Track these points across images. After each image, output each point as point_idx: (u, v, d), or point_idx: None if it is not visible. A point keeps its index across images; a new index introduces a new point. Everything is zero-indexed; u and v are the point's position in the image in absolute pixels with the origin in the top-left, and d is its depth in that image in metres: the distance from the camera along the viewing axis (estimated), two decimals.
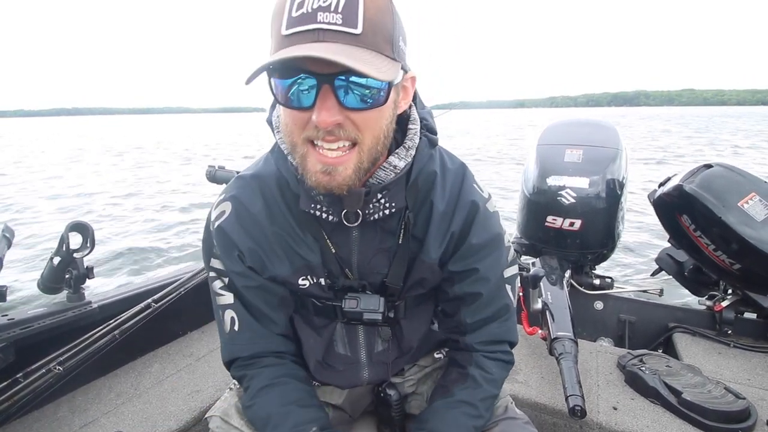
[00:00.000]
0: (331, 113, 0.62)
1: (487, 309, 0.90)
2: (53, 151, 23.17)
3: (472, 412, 0.85)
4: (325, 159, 0.66)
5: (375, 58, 0.61)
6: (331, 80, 0.61)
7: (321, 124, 0.63)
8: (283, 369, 0.88)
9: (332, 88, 0.62)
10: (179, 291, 1.67)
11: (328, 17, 0.59)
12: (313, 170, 0.68)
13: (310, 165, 0.68)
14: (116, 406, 1.41)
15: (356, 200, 0.75)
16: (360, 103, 0.64)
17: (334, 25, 0.59)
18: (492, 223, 0.88)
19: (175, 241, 6.15)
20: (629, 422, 1.31)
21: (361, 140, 0.67)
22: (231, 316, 0.87)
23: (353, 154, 0.67)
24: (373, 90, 0.64)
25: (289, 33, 0.60)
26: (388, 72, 0.62)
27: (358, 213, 0.78)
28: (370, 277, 0.88)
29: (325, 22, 0.59)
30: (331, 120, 0.63)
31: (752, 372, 1.59)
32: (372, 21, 0.61)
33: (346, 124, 0.65)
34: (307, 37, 0.59)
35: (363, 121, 0.65)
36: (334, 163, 0.66)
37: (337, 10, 0.59)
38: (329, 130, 0.64)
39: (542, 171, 2.04)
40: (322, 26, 0.59)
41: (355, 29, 0.60)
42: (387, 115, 0.69)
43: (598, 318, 2.24)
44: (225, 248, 0.85)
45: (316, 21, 0.59)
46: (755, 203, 1.61)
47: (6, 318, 1.31)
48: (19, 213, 8.03)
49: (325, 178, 0.67)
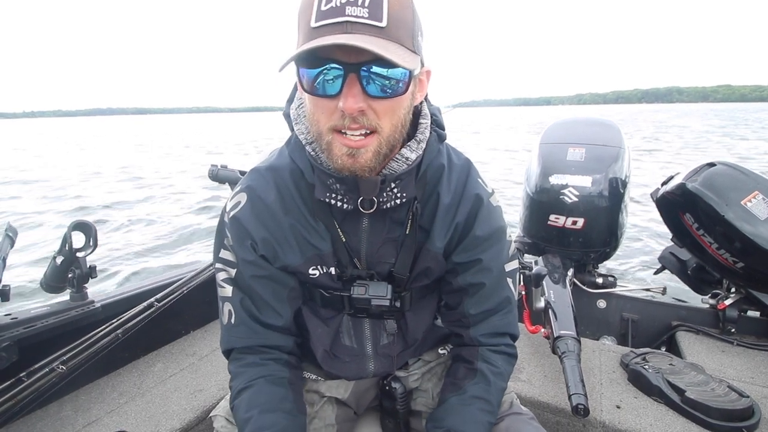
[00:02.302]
0: (357, 100, 0.66)
1: (490, 300, 0.92)
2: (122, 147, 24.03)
3: (487, 407, 0.87)
4: (349, 143, 0.70)
5: (398, 49, 0.65)
6: (357, 69, 0.65)
7: (347, 110, 0.66)
8: (261, 370, 0.88)
9: (358, 77, 0.66)
10: (182, 290, 1.67)
11: (355, 11, 0.63)
12: (338, 154, 0.72)
13: (336, 150, 0.72)
14: (119, 405, 1.41)
15: (372, 187, 0.78)
16: (381, 92, 0.68)
17: (361, 18, 0.63)
18: (495, 216, 0.91)
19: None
20: (632, 421, 1.30)
21: (380, 128, 0.71)
22: (229, 309, 0.90)
23: (373, 139, 0.71)
24: (393, 81, 0.68)
25: (318, 25, 0.64)
26: (411, 62, 0.66)
27: (373, 200, 0.81)
28: (378, 266, 0.90)
29: (353, 15, 0.63)
30: (357, 107, 0.66)
31: (756, 370, 1.58)
32: (395, 15, 0.65)
33: (369, 112, 0.69)
34: (336, 29, 0.63)
35: (383, 109, 0.69)
36: (356, 146, 0.70)
37: (363, 5, 0.63)
38: (354, 117, 0.68)
39: (545, 170, 2.04)
40: (350, 19, 0.63)
41: (380, 22, 0.64)
42: (405, 105, 0.73)
43: (601, 316, 2.24)
44: (238, 237, 0.87)
45: (344, 14, 0.63)
46: (758, 201, 1.61)
47: (9, 317, 1.31)
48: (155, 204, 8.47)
49: (349, 160, 0.72)
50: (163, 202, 8.81)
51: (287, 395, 0.87)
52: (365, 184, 0.77)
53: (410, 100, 0.74)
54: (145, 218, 7.38)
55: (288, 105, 0.86)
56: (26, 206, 8.40)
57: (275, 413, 0.82)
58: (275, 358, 0.91)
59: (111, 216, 7.46)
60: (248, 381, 0.86)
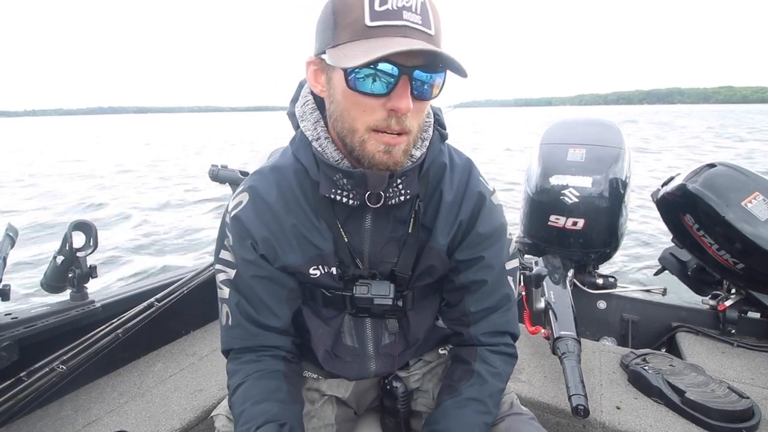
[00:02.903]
0: (408, 101, 0.69)
1: (491, 298, 0.92)
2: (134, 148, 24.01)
3: (482, 408, 0.87)
4: (387, 140, 0.73)
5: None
6: (411, 72, 0.68)
7: (401, 110, 0.69)
8: (256, 366, 0.89)
9: (410, 79, 0.68)
10: (182, 290, 1.67)
11: (411, 17, 0.66)
12: (375, 150, 0.73)
13: (371, 147, 0.73)
14: (119, 405, 1.41)
15: (381, 181, 0.79)
16: (421, 95, 0.71)
17: (417, 24, 0.66)
18: (497, 214, 0.92)
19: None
20: (632, 421, 1.30)
21: (411, 127, 0.74)
22: (226, 310, 0.91)
23: (404, 138, 0.74)
24: (433, 85, 0.71)
25: (375, 25, 0.66)
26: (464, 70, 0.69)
27: (380, 195, 0.82)
28: (380, 266, 0.90)
29: (410, 21, 0.66)
30: (407, 107, 0.69)
31: (756, 371, 1.58)
32: (437, 24, 0.69)
33: (409, 113, 0.71)
34: (396, 31, 0.65)
35: (416, 111, 0.73)
36: (393, 143, 0.73)
37: (416, 12, 0.66)
38: (398, 119, 0.71)
39: (545, 170, 2.04)
40: (408, 23, 0.65)
41: (430, 30, 0.67)
42: (428, 106, 0.79)
43: (601, 317, 2.24)
44: (239, 237, 0.87)
45: (402, 18, 0.65)
46: (759, 202, 1.60)
47: (9, 317, 1.31)
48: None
49: (385, 156, 0.74)
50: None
51: (281, 386, 0.87)
52: (374, 178, 0.78)
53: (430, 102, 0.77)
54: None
55: (292, 105, 0.87)
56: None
57: (267, 403, 0.83)
58: (272, 355, 0.91)
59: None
60: (243, 377, 0.87)
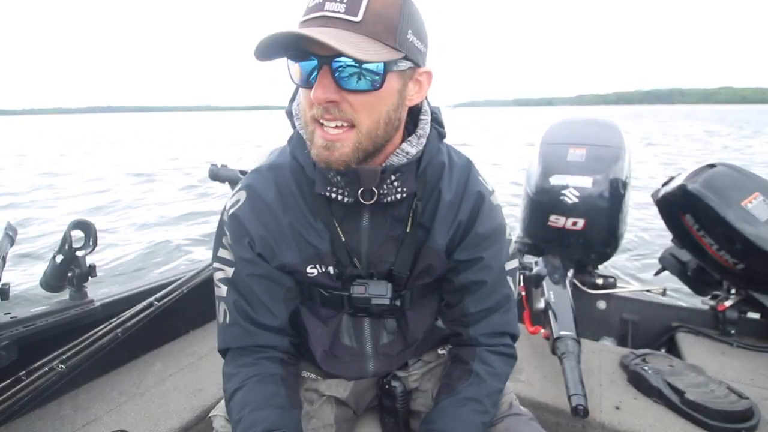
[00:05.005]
0: (325, 90, 0.68)
1: (490, 298, 0.92)
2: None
3: (479, 408, 0.87)
4: (326, 135, 0.73)
5: (369, 44, 0.67)
6: (329, 61, 0.68)
7: (315, 100, 0.69)
8: (253, 370, 0.88)
9: (330, 69, 0.68)
10: (182, 289, 1.67)
11: (333, 6, 0.66)
12: (316, 145, 0.74)
13: (316, 140, 0.74)
14: (119, 404, 1.41)
15: (373, 177, 0.79)
16: (355, 86, 0.69)
17: (336, 13, 0.66)
18: (496, 214, 0.92)
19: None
20: (632, 422, 1.30)
21: (358, 122, 0.72)
22: (224, 309, 0.90)
23: (351, 134, 0.73)
24: (367, 74, 0.69)
25: (303, 20, 0.69)
26: (375, 56, 0.67)
27: (373, 191, 0.82)
28: (378, 266, 0.90)
29: (330, 11, 0.66)
30: (324, 96, 0.69)
31: (755, 372, 1.58)
32: (374, 11, 0.67)
33: (344, 104, 0.71)
34: (315, 22, 0.67)
35: (359, 103, 0.71)
36: (333, 139, 0.73)
37: (342, 1, 0.66)
38: (326, 108, 0.70)
39: (545, 170, 2.04)
40: (327, 14, 0.66)
41: (355, 17, 0.66)
42: (389, 102, 0.74)
43: (600, 317, 2.24)
44: (236, 235, 0.87)
45: (323, 9, 0.67)
46: (759, 203, 1.61)
47: (9, 316, 1.31)
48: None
49: (325, 152, 0.74)
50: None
51: (279, 391, 0.86)
52: (366, 173, 0.78)
53: (397, 98, 0.74)
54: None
55: (291, 103, 0.87)
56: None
57: (266, 409, 0.82)
58: (269, 357, 0.90)
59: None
60: (241, 382, 0.86)
